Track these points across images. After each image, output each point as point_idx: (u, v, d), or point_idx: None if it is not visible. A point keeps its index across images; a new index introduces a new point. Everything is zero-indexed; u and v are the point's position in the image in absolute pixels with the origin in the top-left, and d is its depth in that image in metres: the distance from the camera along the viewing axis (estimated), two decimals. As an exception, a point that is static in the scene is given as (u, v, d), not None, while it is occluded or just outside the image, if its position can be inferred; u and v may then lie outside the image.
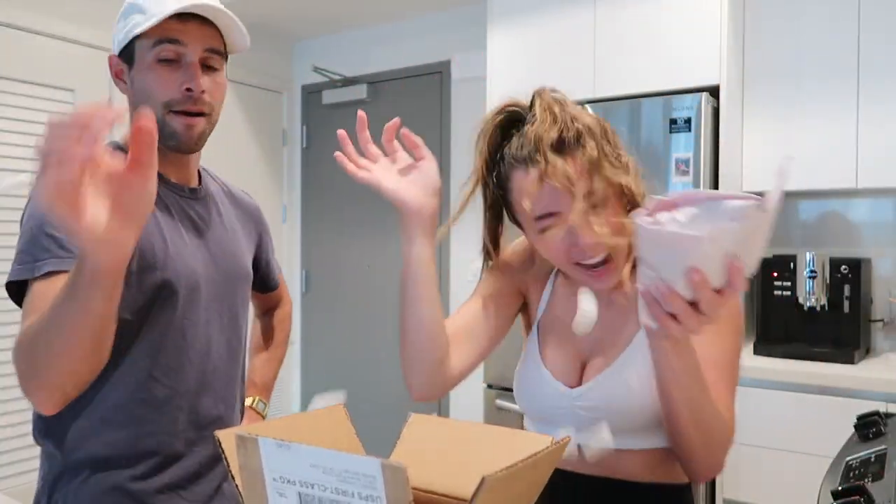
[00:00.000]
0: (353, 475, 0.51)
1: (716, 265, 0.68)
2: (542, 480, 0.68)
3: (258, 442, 0.56)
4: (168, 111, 1.10)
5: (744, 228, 0.67)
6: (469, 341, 1.16)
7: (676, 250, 0.68)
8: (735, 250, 0.68)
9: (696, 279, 0.68)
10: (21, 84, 2.72)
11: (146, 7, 1.09)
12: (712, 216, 0.69)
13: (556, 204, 0.94)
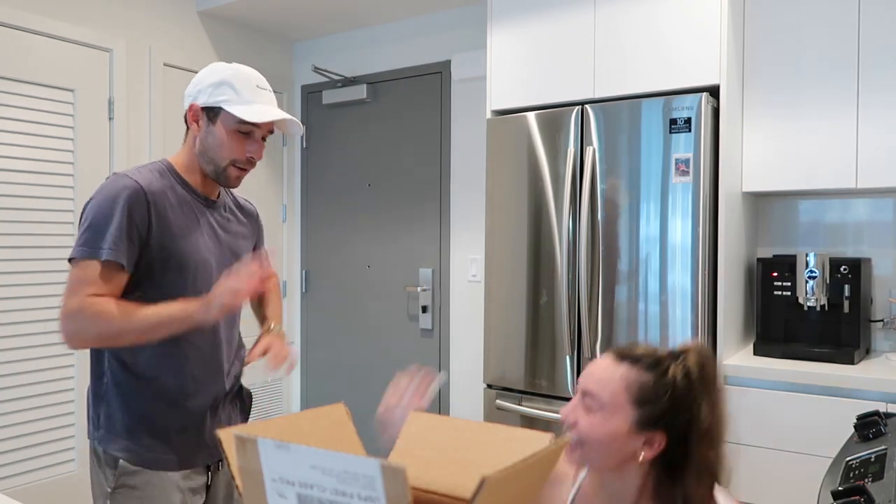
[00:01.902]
0: (353, 476, 0.51)
1: None
2: (542, 480, 0.68)
3: (257, 443, 0.56)
4: (231, 165, 1.54)
5: None
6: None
7: None
8: None
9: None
10: (21, 84, 2.72)
11: (239, 89, 1.53)
12: None
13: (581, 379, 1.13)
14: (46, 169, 2.79)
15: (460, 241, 3.31)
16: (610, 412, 1.06)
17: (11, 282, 2.69)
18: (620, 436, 1.05)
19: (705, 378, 1.06)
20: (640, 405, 1.05)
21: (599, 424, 1.06)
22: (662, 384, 1.05)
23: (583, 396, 1.09)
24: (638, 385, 1.06)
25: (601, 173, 2.39)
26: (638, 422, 1.05)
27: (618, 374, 1.07)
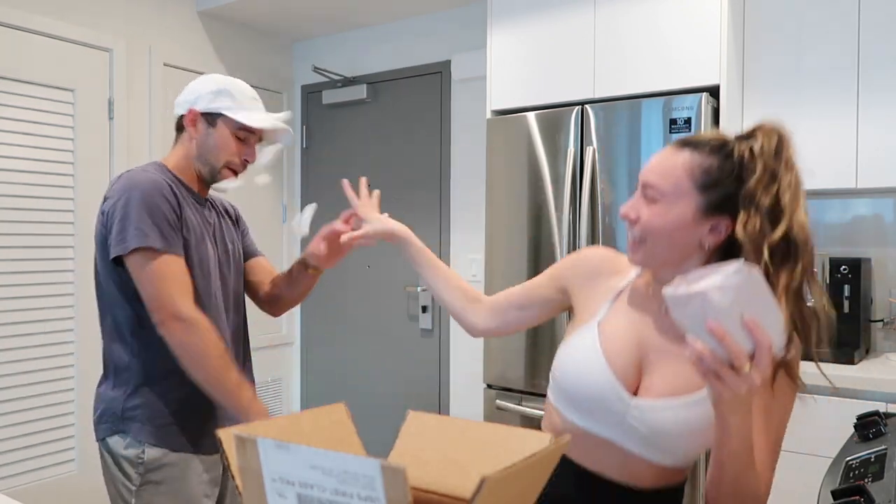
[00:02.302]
0: (352, 476, 0.51)
1: (734, 324, 0.79)
2: (542, 480, 0.68)
3: (257, 443, 0.56)
4: (225, 167, 1.64)
5: (743, 284, 0.79)
6: (494, 311, 1.35)
7: (693, 310, 0.80)
8: (749, 311, 0.79)
9: (713, 328, 0.78)
10: (21, 84, 2.72)
11: (237, 98, 1.59)
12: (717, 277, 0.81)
13: (641, 174, 1.07)
14: (46, 169, 2.79)
15: (460, 241, 3.31)
16: (673, 200, 1.02)
17: (11, 282, 2.69)
18: (685, 223, 1.01)
19: (778, 154, 0.99)
20: (705, 189, 1.01)
21: (662, 213, 1.02)
22: (728, 165, 1.01)
23: (643, 189, 1.05)
24: (702, 169, 1.01)
25: (601, 173, 2.39)
26: (703, 207, 1.01)
27: (679, 161, 1.03)
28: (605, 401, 1.04)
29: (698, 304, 0.79)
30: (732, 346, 0.78)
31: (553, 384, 1.15)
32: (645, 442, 1.03)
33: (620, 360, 1.06)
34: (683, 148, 1.04)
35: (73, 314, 2.88)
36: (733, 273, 0.79)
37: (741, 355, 0.79)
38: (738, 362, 0.79)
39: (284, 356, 3.87)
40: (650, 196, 1.04)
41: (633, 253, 1.08)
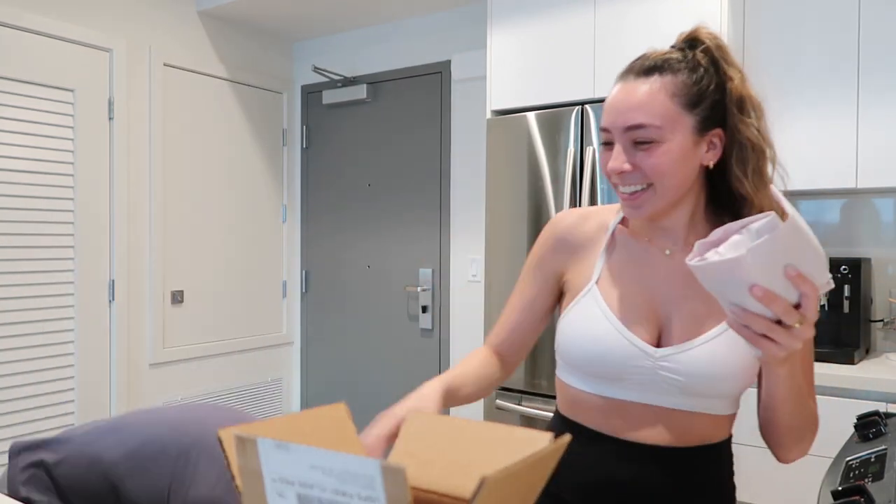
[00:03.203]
0: (353, 476, 0.51)
1: (777, 280, 0.75)
2: (543, 480, 0.68)
3: (257, 443, 0.56)
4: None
5: (777, 238, 0.73)
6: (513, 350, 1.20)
7: (730, 277, 0.75)
8: (788, 261, 0.74)
9: (759, 294, 0.74)
10: (21, 84, 2.72)
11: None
12: (746, 239, 0.77)
13: (612, 122, 0.99)
14: (46, 169, 2.79)
15: (460, 241, 3.31)
16: (670, 132, 0.95)
17: (11, 281, 2.69)
18: (689, 151, 0.96)
19: (724, 49, 1.01)
20: (694, 107, 0.96)
21: (666, 151, 0.95)
22: (700, 75, 0.98)
23: (629, 134, 0.97)
24: (683, 87, 0.96)
25: (601, 173, 2.39)
26: (698, 126, 0.97)
27: (655, 88, 0.96)
28: (632, 362, 0.99)
29: (734, 271, 0.74)
30: (782, 305, 0.74)
31: (565, 363, 1.07)
32: (683, 392, 0.98)
33: (632, 315, 1.01)
34: (648, 75, 0.98)
35: (73, 314, 2.88)
36: (765, 227, 0.75)
37: (792, 313, 0.75)
38: (790, 320, 0.75)
39: (284, 356, 3.87)
40: (643, 138, 0.96)
41: (636, 208, 0.99)
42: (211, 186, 3.45)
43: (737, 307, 0.77)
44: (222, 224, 3.51)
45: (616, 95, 1.00)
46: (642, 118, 0.95)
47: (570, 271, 1.11)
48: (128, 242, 3.07)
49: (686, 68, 0.98)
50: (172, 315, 3.27)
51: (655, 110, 0.95)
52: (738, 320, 0.77)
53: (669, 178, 0.96)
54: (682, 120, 0.96)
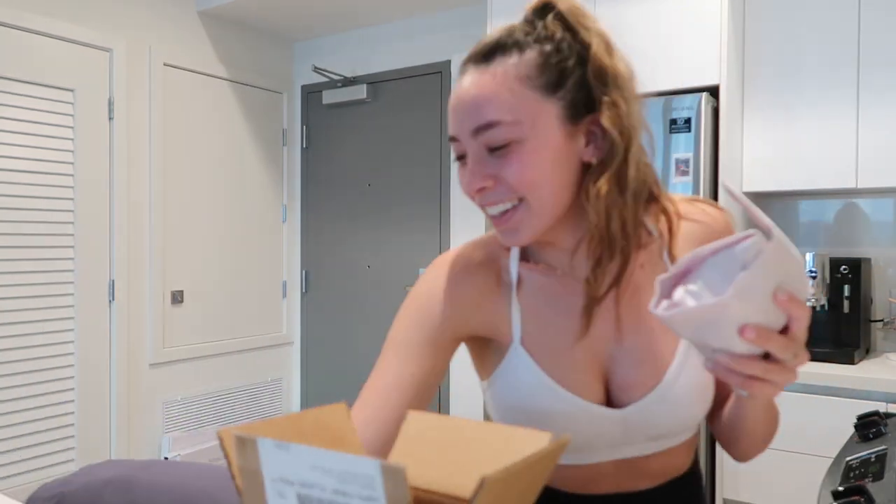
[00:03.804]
0: (353, 476, 0.51)
1: (765, 310, 0.62)
2: (542, 480, 0.68)
3: (257, 443, 0.56)
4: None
5: (762, 265, 0.60)
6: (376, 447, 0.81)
7: (713, 322, 0.62)
8: (776, 284, 0.62)
9: (752, 336, 0.61)
10: (21, 84, 2.72)
11: None
12: (725, 271, 0.63)
13: (457, 127, 0.78)
14: (46, 169, 2.79)
15: (460, 241, 3.30)
16: (530, 126, 0.74)
17: (11, 282, 2.69)
18: (559, 147, 0.76)
19: (579, 11, 0.78)
20: (554, 89, 0.75)
21: (530, 152, 0.74)
22: (553, 47, 0.76)
23: (480, 137, 0.76)
24: (534, 67, 0.75)
25: (601, 173, 2.39)
26: (566, 113, 0.76)
27: (499, 75, 0.75)
28: (597, 431, 0.83)
29: (717, 315, 0.62)
30: (779, 342, 0.62)
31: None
32: (653, 438, 0.85)
33: (575, 375, 0.83)
34: (489, 60, 0.76)
35: (73, 314, 2.88)
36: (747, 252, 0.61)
37: (788, 346, 0.62)
38: (788, 356, 0.63)
39: (284, 356, 3.87)
40: (498, 141, 0.75)
41: (511, 232, 0.81)
42: (211, 186, 3.45)
43: (722, 354, 0.64)
44: (222, 224, 3.51)
45: (456, 94, 0.79)
46: (491, 114, 0.75)
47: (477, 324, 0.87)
48: (128, 242, 3.07)
49: (535, 42, 0.76)
50: (172, 315, 3.27)
51: (505, 101, 0.74)
52: (726, 366, 0.64)
53: (542, 187, 0.76)
54: (543, 108, 0.75)
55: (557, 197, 0.77)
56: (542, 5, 0.79)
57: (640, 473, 0.88)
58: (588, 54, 0.75)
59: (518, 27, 0.78)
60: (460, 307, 0.86)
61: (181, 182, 3.30)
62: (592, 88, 0.75)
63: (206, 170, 3.42)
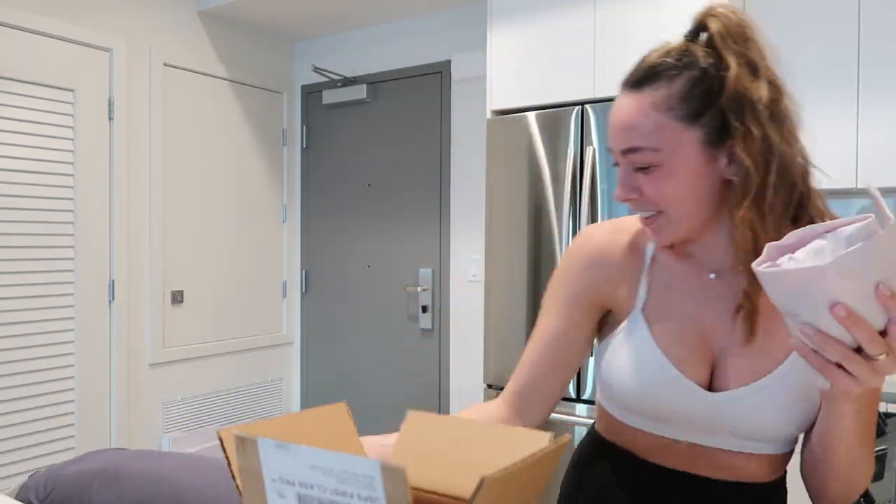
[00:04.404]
0: (353, 476, 0.51)
1: (864, 299, 0.61)
2: (543, 480, 0.68)
3: (257, 443, 0.56)
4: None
5: (873, 247, 0.59)
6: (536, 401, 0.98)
7: (806, 291, 0.62)
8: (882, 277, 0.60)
9: (842, 315, 0.61)
10: (21, 84, 2.72)
11: None
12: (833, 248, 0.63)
13: (611, 143, 0.87)
14: (46, 169, 2.79)
15: (460, 241, 3.31)
16: (670, 152, 0.81)
17: (11, 282, 2.69)
18: (699, 169, 0.82)
19: (728, 33, 0.82)
20: (696, 117, 0.81)
21: (668, 174, 0.82)
22: (698, 76, 0.81)
23: (627, 159, 0.85)
24: (677, 97, 0.81)
25: (601, 173, 2.39)
26: (707, 139, 0.81)
27: (646, 104, 0.82)
28: (683, 406, 0.87)
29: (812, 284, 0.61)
30: (867, 330, 0.61)
31: (607, 394, 0.96)
32: (736, 435, 0.87)
33: (683, 351, 0.88)
34: (640, 88, 0.83)
35: (73, 314, 2.88)
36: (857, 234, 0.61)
37: (878, 341, 0.62)
38: (874, 350, 0.62)
39: (284, 356, 3.87)
40: (641, 162, 0.83)
41: (656, 234, 0.87)
42: (211, 186, 3.45)
43: (809, 327, 0.64)
44: (222, 224, 3.51)
45: (612, 112, 0.87)
46: (635, 141, 0.82)
47: (607, 296, 0.96)
48: (128, 242, 3.07)
49: (684, 71, 0.81)
50: (172, 315, 3.27)
51: (649, 131, 0.81)
52: (809, 343, 0.65)
53: (680, 204, 0.83)
54: (684, 136, 0.81)
55: (695, 211, 0.84)
56: (697, 26, 0.85)
57: (712, 464, 0.90)
58: (726, 80, 0.80)
59: (672, 50, 0.84)
60: (598, 274, 0.96)
61: (181, 182, 3.30)
62: (728, 116, 0.80)
63: (206, 170, 3.42)
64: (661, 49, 0.85)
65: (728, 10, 0.84)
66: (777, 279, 0.64)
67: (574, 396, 2.44)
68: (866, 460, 0.83)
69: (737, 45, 0.82)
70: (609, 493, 0.97)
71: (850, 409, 0.75)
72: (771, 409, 0.84)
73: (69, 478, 1.46)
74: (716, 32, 0.82)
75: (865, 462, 0.83)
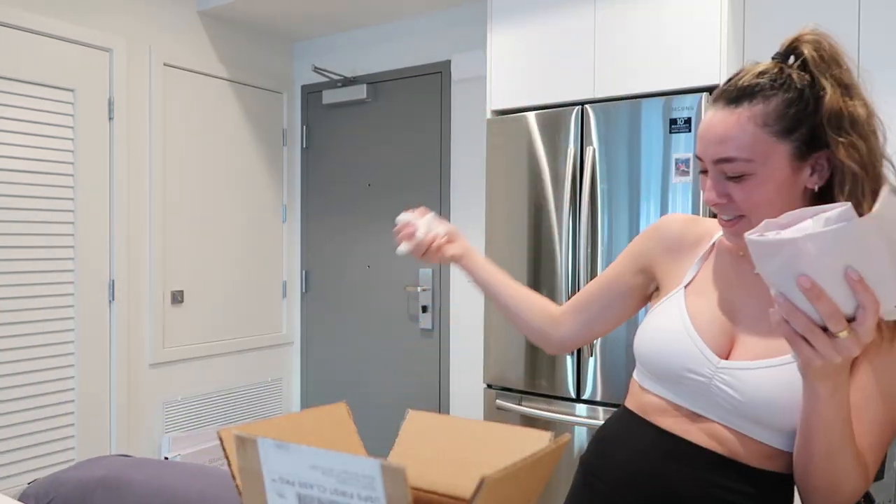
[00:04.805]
0: (353, 476, 0.51)
1: (833, 280, 0.67)
2: (543, 480, 0.68)
3: (257, 443, 0.56)
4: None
5: (846, 231, 0.65)
6: (577, 315, 1.21)
7: (782, 260, 0.68)
8: (854, 263, 0.66)
9: (806, 286, 0.67)
10: (21, 84, 2.72)
11: None
12: (813, 225, 0.69)
13: (702, 153, 0.95)
14: (46, 169, 2.79)
15: (460, 241, 3.31)
16: (762, 164, 0.89)
17: (11, 282, 2.69)
18: (786, 180, 0.90)
19: (823, 59, 0.91)
20: (789, 133, 0.89)
21: (759, 184, 0.90)
22: (794, 97, 0.90)
23: (719, 167, 0.92)
24: (775, 115, 0.89)
25: (601, 173, 2.39)
26: (796, 153, 0.90)
27: (745, 119, 0.90)
28: (691, 367, 0.95)
29: (788, 254, 0.67)
30: (828, 306, 0.68)
31: (637, 357, 1.06)
32: (738, 412, 0.92)
33: (708, 324, 0.97)
34: (738, 104, 0.91)
35: (73, 314, 2.88)
36: (835, 217, 0.67)
37: (838, 318, 0.68)
38: (833, 326, 0.69)
39: (284, 356, 3.87)
40: (733, 172, 0.91)
41: (735, 236, 0.95)
42: (211, 186, 3.45)
43: (781, 296, 0.70)
44: (222, 224, 3.51)
45: (705, 124, 0.95)
46: (731, 152, 0.91)
47: (662, 269, 1.10)
48: (128, 242, 3.07)
49: (780, 91, 0.90)
50: (172, 315, 3.27)
51: (744, 143, 0.90)
52: (781, 312, 0.71)
53: (764, 209, 0.90)
54: (777, 149, 0.90)
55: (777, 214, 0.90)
56: (791, 48, 0.94)
57: (711, 436, 0.96)
58: (823, 101, 0.89)
59: (767, 71, 0.92)
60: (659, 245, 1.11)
61: (181, 182, 3.30)
62: (826, 131, 0.88)
63: (206, 170, 3.42)
64: (755, 69, 0.94)
65: (819, 35, 0.94)
66: (759, 247, 0.71)
67: (574, 396, 2.44)
68: (852, 465, 0.84)
69: (830, 69, 0.91)
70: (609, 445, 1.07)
71: (823, 390, 0.78)
72: (770, 390, 0.89)
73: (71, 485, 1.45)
74: (809, 57, 0.91)
75: (850, 466, 0.84)
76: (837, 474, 0.84)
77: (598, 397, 2.39)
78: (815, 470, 0.86)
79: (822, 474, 0.85)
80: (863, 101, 0.92)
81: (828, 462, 0.84)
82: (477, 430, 0.79)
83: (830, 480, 0.85)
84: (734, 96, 0.92)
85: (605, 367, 2.37)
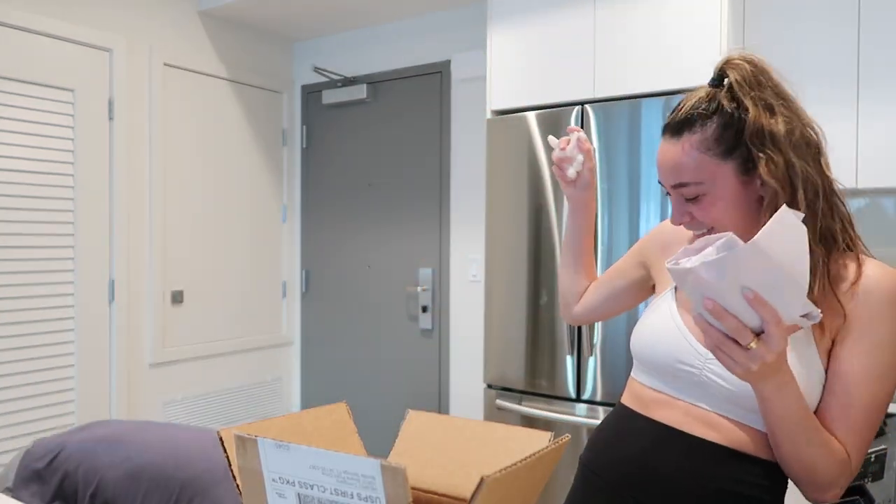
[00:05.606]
0: (353, 476, 0.51)
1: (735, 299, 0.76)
2: (543, 480, 0.68)
3: (257, 443, 0.56)
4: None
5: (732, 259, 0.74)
6: (589, 296, 1.36)
7: (690, 284, 0.78)
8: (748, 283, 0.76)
9: (709, 307, 0.78)
10: (21, 84, 2.72)
11: None
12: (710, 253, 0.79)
13: (661, 180, 1.05)
14: (46, 169, 2.79)
15: (460, 241, 3.31)
16: (711, 184, 0.98)
17: (12, 281, 2.69)
18: (738, 193, 0.98)
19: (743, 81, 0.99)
20: (730, 154, 0.97)
21: (712, 201, 0.99)
22: (727, 120, 0.97)
23: (677, 192, 1.02)
24: (712, 140, 0.98)
25: (601, 173, 2.39)
26: (741, 169, 0.97)
27: (687, 148, 0.99)
28: (682, 359, 1.01)
29: (693, 280, 0.77)
30: (731, 323, 0.78)
31: (634, 358, 1.14)
32: (731, 401, 0.97)
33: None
34: (681, 134, 1.00)
35: (73, 314, 2.88)
36: (721, 246, 0.77)
37: (743, 332, 0.78)
38: (741, 339, 0.78)
39: (284, 356, 3.87)
40: (689, 194, 1.00)
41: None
42: (211, 186, 3.45)
43: (698, 315, 0.80)
44: (222, 224, 3.51)
45: (659, 155, 1.04)
46: (683, 177, 0.99)
47: (657, 268, 1.21)
48: (128, 242, 3.07)
49: (715, 116, 0.98)
50: (172, 315, 3.27)
51: (692, 168, 0.98)
52: (699, 326, 0.81)
53: (725, 221, 0.99)
54: (722, 168, 0.98)
55: (739, 224, 0.99)
56: (720, 74, 1.02)
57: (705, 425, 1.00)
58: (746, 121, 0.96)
59: (702, 99, 1.00)
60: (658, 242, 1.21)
61: (181, 182, 3.30)
62: (750, 148, 0.96)
63: (205, 170, 3.42)
64: (691, 100, 1.02)
65: (743, 59, 1.01)
66: (673, 274, 0.80)
67: (574, 396, 2.44)
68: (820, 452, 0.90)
69: (753, 91, 0.98)
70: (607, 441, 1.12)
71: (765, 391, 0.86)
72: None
73: (74, 444, 1.48)
74: (734, 81, 0.99)
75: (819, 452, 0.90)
76: (807, 461, 0.91)
77: (598, 397, 2.39)
78: (786, 458, 0.93)
79: (793, 463, 0.92)
80: (786, 117, 0.98)
81: (794, 451, 0.91)
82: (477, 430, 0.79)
83: (803, 467, 0.92)
84: (676, 128, 1.01)
85: (605, 368, 2.37)
